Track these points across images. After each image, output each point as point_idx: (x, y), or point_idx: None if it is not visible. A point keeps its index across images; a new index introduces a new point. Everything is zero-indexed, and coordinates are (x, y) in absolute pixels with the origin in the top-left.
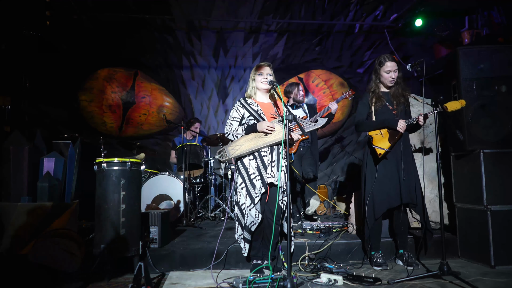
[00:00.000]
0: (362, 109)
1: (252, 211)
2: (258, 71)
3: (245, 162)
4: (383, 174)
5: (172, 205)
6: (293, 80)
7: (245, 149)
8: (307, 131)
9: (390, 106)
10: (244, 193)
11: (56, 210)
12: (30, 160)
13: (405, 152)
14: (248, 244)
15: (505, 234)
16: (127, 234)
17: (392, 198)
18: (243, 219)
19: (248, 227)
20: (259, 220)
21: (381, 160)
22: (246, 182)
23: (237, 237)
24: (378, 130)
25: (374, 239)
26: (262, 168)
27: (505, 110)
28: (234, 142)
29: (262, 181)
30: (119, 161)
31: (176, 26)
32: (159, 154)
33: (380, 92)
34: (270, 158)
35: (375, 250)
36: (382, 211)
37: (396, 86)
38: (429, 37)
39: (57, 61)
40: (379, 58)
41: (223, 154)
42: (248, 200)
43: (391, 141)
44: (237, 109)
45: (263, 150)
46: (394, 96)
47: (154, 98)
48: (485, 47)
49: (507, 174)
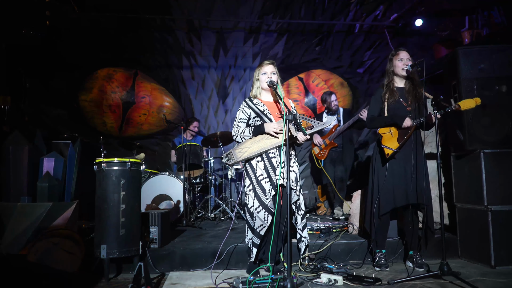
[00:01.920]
0: (374, 104)
1: (261, 214)
2: (262, 71)
3: (253, 164)
4: (391, 173)
5: (172, 205)
6: (293, 80)
7: (253, 151)
8: (312, 131)
9: (404, 102)
10: (252, 195)
11: (56, 210)
12: (30, 160)
13: (417, 151)
14: (256, 248)
15: (506, 234)
16: (127, 234)
17: (398, 198)
18: (252, 222)
19: (256, 231)
20: (268, 223)
21: (389, 160)
22: (254, 184)
23: (247, 240)
24: (388, 128)
25: (379, 238)
26: (271, 169)
27: (505, 110)
28: (241, 144)
29: (271, 183)
30: (119, 161)
31: (176, 26)
32: (159, 154)
33: (394, 87)
34: (279, 159)
35: (379, 249)
36: (387, 210)
37: (411, 81)
38: (429, 37)
39: (57, 61)
40: (391, 52)
41: (230, 157)
42: (256, 202)
43: (400, 141)
44: (243, 110)
45: (271, 151)
46: (408, 92)
47: (154, 98)
48: (485, 47)
49: (507, 174)
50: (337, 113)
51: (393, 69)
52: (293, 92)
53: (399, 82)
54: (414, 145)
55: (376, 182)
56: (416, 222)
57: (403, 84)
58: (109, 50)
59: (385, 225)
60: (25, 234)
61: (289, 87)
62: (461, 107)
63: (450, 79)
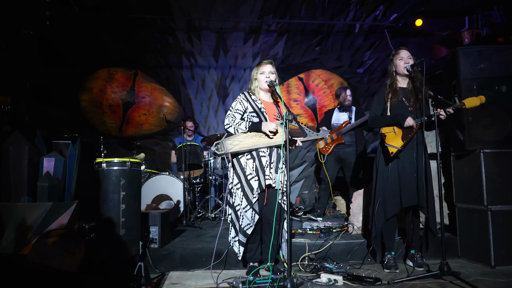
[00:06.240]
0: (376, 104)
1: (248, 213)
2: (260, 70)
3: (242, 162)
4: (396, 174)
5: (172, 205)
6: (293, 80)
7: (244, 146)
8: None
9: (407, 102)
10: (240, 193)
11: (56, 210)
12: (30, 160)
13: (419, 151)
14: (243, 247)
15: (506, 234)
16: (127, 234)
17: (404, 199)
18: (238, 222)
19: (243, 230)
20: (255, 222)
21: (393, 159)
22: (242, 183)
23: (230, 239)
24: (391, 127)
25: (387, 240)
26: (260, 169)
27: (505, 110)
28: (234, 136)
29: (259, 182)
30: (119, 161)
31: (176, 26)
32: (159, 154)
33: (397, 87)
34: (269, 160)
35: (388, 251)
36: (394, 212)
37: (413, 80)
38: (429, 37)
39: (57, 61)
40: (391, 52)
41: (219, 147)
42: (244, 201)
43: (404, 140)
44: (241, 102)
45: (262, 150)
46: (411, 92)
47: (154, 98)
48: (485, 47)
49: (507, 174)
50: (349, 111)
51: (394, 69)
52: (293, 92)
53: (402, 82)
54: (417, 145)
55: (380, 183)
56: (417, 222)
57: (405, 84)
58: (109, 50)
59: (393, 227)
60: (25, 234)
61: (289, 87)
62: (466, 105)
63: (450, 79)
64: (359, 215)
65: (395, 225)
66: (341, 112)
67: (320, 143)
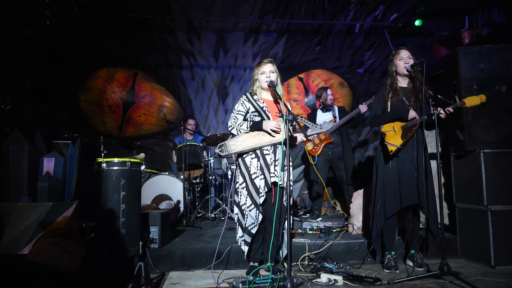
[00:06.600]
0: (377, 104)
1: (253, 212)
2: (261, 70)
3: (247, 161)
4: (396, 173)
5: (172, 205)
6: (293, 80)
7: (247, 146)
8: (311, 133)
9: (407, 101)
10: (245, 193)
11: (56, 210)
12: (30, 160)
13: (420, 151)
14: (247, 246)
15: (505, 234)
16: (127, 234)
17: (403, 198)
18: (243, 220)
19: (248, 229)
20: (259, 221)
21: (392, 158)
22: (247, 182)
23: (238, 238)
24: (391, 126)
25: (387, 240)
26: (265, 167)
27: (505, 110)
28: (236, 137)
29: (265, 180)
30: (119, 161)
31: (176, 26)
32: (159, 154)
33: (397, 86)
34: (274, 157)
35: (388, 251)
36: (394, 211)
37: (413, 80)
38: (429, 37)
39: (57, 61)
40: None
41: (223, 148)
42: (249, 200)
43: (404, 138)
44: (243, 103)
45: (266, 148)
46: (411, 92)
47: (154, 98)
48: (485, 47)
49: (507, 174)
50: (332, 110)
51: (394, 69)
52: (293, 92)
53: (402, 82)
54: (417, 145)
55: (380, 182)
56: (416, 222)
57: (406, 84)
58: (109, 50)
59: (393, 226)
60: (25, 234)
61: (289, 87)
62: (466, 104)
63: (450, 79)
64: (359, 215)
65: (395, 224)
66: (325, 112)
67: (308, 145)
